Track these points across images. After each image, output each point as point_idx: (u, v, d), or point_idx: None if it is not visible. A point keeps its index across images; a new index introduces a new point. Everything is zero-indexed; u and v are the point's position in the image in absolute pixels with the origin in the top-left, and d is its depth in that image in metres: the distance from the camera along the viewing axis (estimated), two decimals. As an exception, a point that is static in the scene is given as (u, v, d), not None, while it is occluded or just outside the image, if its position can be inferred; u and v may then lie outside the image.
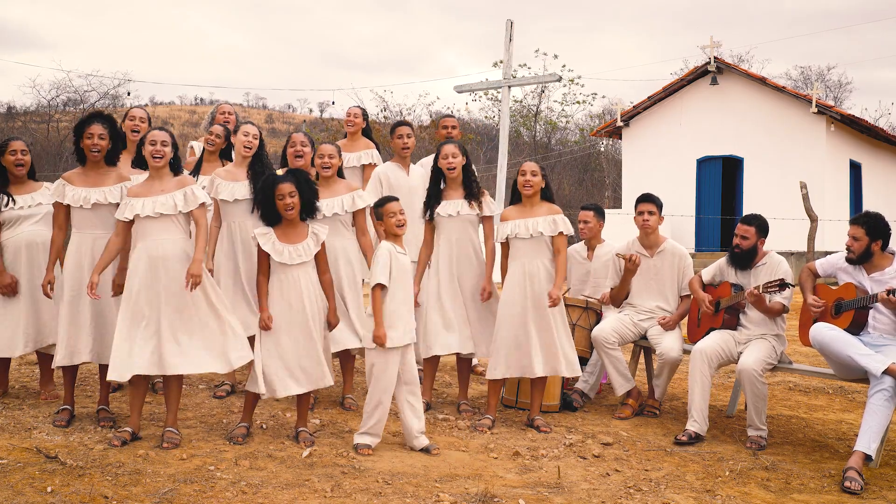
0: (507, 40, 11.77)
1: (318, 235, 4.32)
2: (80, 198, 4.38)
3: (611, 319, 5.26)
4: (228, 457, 3.97)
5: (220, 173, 5.14)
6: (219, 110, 6.41)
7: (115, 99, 31.87)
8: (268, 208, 4.26)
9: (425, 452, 4.20)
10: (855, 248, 4.47)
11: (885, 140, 19.11)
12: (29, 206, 4.90)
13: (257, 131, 5.16)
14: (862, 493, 3.82)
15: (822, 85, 34.13)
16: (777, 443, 4.70)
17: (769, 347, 4.71)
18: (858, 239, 4.45)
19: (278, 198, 4.22)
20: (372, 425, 4.20)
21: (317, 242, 4.30)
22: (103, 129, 4.43)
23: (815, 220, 12.52)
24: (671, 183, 17.22)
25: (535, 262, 4.78)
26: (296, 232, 4.28)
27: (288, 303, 4.20)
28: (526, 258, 4.78)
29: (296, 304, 4.20)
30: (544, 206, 4.84)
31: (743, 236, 4.86)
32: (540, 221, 4.77)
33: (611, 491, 3.74)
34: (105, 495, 3.38)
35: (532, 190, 4.78)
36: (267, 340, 4.20)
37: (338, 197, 4.88)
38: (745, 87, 17.46)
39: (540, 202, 4.84)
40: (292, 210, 4.23)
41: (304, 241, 4.26)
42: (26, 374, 5.68)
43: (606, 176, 30.87)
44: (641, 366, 5.77)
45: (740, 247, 4.86)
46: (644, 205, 5.25)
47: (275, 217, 4.27)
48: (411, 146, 5.75)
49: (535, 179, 4.78)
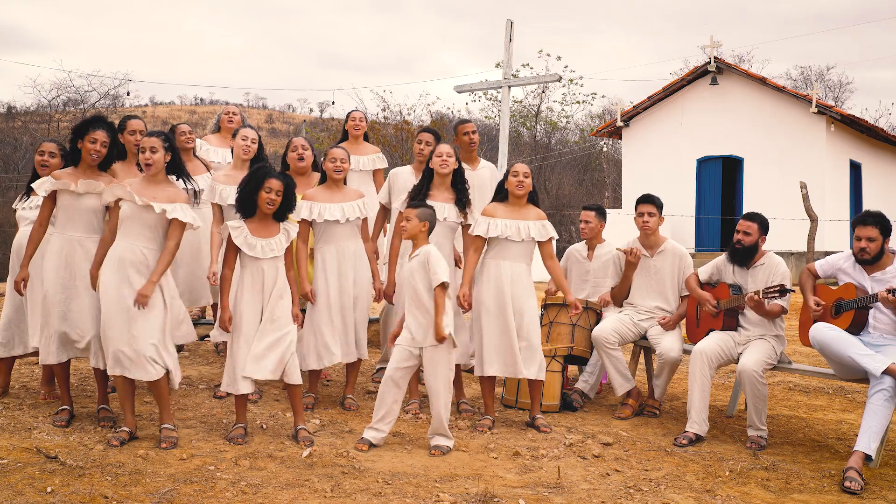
0: (507, 40, 11.77)
1: (289, 232, 4.37)
2: (69, 200, 4.33)
3: (611, 319, 5.27)
4: (228, 457, 3.97)
5: (219, 178, 5.15)
6: (224, 111, 6.43)
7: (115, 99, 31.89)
8: (249, 197, 4.27)
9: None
10: (871, 248, 4.42)
11: (885, 140, 19.09)
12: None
13: (256, 135, 5.17)
14: (862, 493, 3.82)
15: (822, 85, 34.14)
16: (777, 443, 4.70)
17: (769, 348, 4.71)
18: (874, 239, 4.42)
19: (265, 189, 4.24)
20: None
21: (287, 239, 4.35)
22: (107, 136, 4.39)
23: (815, 221, 12.52)
24: (671, 183, 17.22)
25: (518, 265, 4.78)
26: (268, 227, 4.30)
27: (259, 295, 4.23)
28: (509, 260, 4.77)
29: (265, 296, 4.24)
30: (532, 209, 4.84)
31: (745, 232, 4.85)
32: (531, 226, 4.77)
33: (611, 491, 3.74)
34: (105, 495, 3.38)
35: (524, 191, 4.78)
36: (238, 337, 4.22)
37: (354, 202, 4.91)
38: (745, 87, 17.46)
39: (527, 205, 4.84)
40: (272, 206, 4.26)
41: (276, 237, 4.30)
42: (26, 374, 5.68)
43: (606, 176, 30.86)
44: (641, 366, 5.77)
45: (742, 243, 4.85)
46: (644, 206, 5.25)
47: (252, 208, 4.28)
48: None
49: (528, 181, 4.79)
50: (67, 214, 4.34)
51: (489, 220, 4.77)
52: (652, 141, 18.53)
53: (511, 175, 4.80)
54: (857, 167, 18.26)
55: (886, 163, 19.69)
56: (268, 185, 4.23)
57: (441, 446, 4.22)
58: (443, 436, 4.26)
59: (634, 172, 18.70)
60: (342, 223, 4.84)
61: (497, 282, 4.74)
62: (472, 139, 5.78)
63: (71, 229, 4.34)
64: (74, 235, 4.34)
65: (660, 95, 18.44)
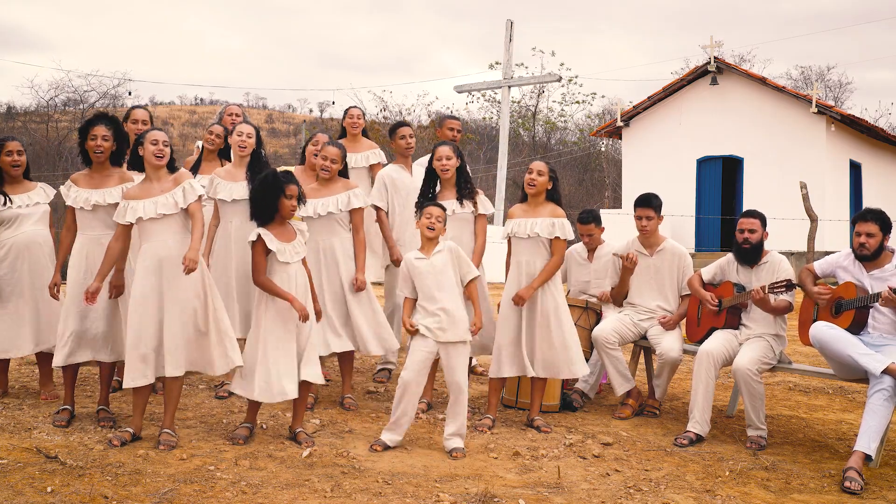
0: (507, 40, 11.78)
1: (303, 232, 4.38)
2: (81, 199, 4.40)
3: (611, 319, 5.26)
4: (228, 457, 3.97)
5: (219, 173, 5.16)
6: (226, 111, 6.41)
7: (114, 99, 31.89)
8: (268, 205, 4.21)
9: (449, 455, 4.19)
10: (871, 244, 4.43)
11: (885, 140, 19.10)
12: (27, 206, 4.92)
13: (252, 130, 5.16)
14: (862, 493, 3.82)
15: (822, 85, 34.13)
16: (777, 443, 4.70)
17: (765, 347, 4.70)
18: (873, 235, 4.43)
19: (287, 196, 4.21)
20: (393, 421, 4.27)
21: (304, 240, 4.37)
22: (107, 130, 4.43)
23: (815, 220, 12.51)
24: (671, 183, 17.21)
25: (534, 262, 4.78)
26: (286, 232, 4.30)
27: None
28: (524, 257, 4.80)
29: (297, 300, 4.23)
30: (548, 207, 4.83)
31: (750, 230, 4.83)
32: (539, 223, 4.77)
33: (611, 491, 3.74)
34: (105, 495, 3.38)
35: (535, 189, 4.78)
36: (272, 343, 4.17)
37: (333, 196, 4.92)
38: (745, 87, 17.46)
39: (545, 203, 4.83)
40: (295, 210, 4.27)
41: (296, 240, 4.30)
42: (26, 374, 5.68)
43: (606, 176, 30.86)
44: (641, 366, 5.77)
45: (749, 241, 4.83)
46: (641, 209, 5.24)
47: (271, 215, 4.23)
48: (413, 146, 5.78)
49: (541, 179, 4.78)
50: (84, 215, 4.42)
51: (510, 221, 4.87)
52: (652, 141, 18.53)
53: (526, 173, 4.86)
54: (857, 167, 18.26)
55: (886, 163, 19.69)
56: (289, 192, 4.21)
57: (461, 448, 4.21)
58: (461, 436, 4.26)
59: (634, 172, 18.70)
60: (314, 218, 4.87)
61: (514, 282, 4.80)
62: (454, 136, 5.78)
63: (89, 229, 4.43)
64: (93, 234, 4.42)
65: (660, 95, 18.44)
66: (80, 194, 4.41)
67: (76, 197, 4.41)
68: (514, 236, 4.83)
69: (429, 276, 4.27)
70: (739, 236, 4.86)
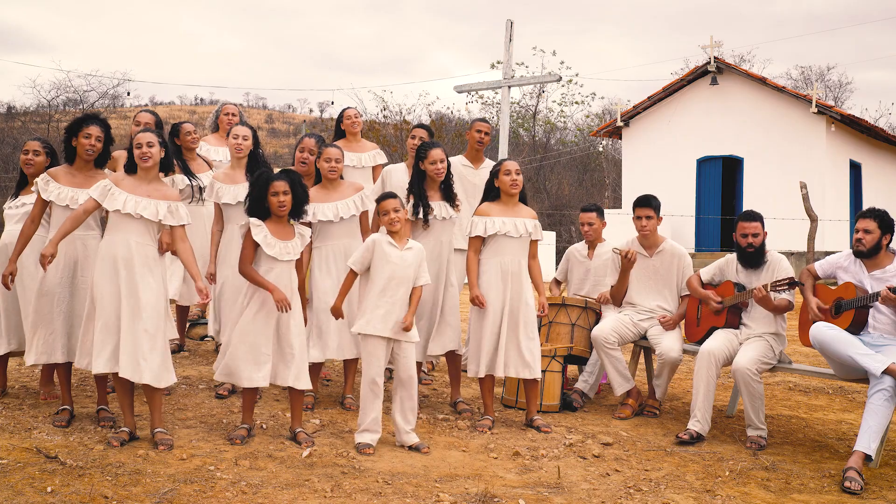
0: (507, 40, 11.77)
1: (304, 237, 4.37)
2: (65, 197, 4.34)
3: (610, 319, 5.26)
4: (228, 457, 3.97)
5: (218, 176, 5.16)
6: (223, 110, 6.40)
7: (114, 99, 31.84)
8: (259, 203, 4.25)
9: (416, 451, 4.21)
10: (867, 240, 4.44)
11: (885, 140, 19.10)
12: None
13: (248, 132, 5.15)
14: (862, 493, 3.82)
15: (822, 85, 34.13)
16: (777, 443, 4.70)
17: (765, 346, 4.70)
18: (871, 232, 4.44)
19: (272, 194, 4.22)
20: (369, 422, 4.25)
21: (303, 243, 4.35)
22: (101, 131, 4.42)
23: (815, 221, 12.51)
24: (671, 183, 17.22)
25: (517, 260, 4.78)
26: (283, 230, 4.29)
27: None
28: (508, 256, 4.77)
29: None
30: (523, 207, 4.86)
31: (754, 234, 4.84)
32: (527, 223, 4.79)
33: (611, 491, 3.74)
34: (105, 495, 3.38)
35: (518, 189, 4.80)
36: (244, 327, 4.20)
37: (350, 199, 4.91)
38: (745, 87, 17.46)
39: (518, 203, 4.85)
40: (284, 208, 4.24)
41: (292, 240, 4.29)
42: (26, 374, 5.68)
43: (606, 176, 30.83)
44: (641, 366, 5.77)
45: (753, 245, 4.84)
46: (640, 210, 5.24)
47: (264, 213, 4.26)
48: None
49: (520, 178, 4.81)
50: (64, 213, 4.32)
51: (486, 220, 4.77)
52: (652, 141, 18.53)
53: (503, 174, 4.80)
54: (857, 167, 18.26)
55: (886, 163, 19.69)
56: (273, 190, 4.21)
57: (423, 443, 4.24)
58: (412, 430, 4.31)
59: (634, 172, 18.70)
60: (336, 222, 4.85)
61: (495, 280, 4.75)
62: (481, 138, 5.83)
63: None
64: (74, 233, 4.33)
65: (660, 95, 18.44)
66: (65, 192, 4.34)
67: (59, 194, 4.33)
68: (502, 235, 4.75)
69: (396, 267, 4.27)
70: (743, 241, 4.86)
